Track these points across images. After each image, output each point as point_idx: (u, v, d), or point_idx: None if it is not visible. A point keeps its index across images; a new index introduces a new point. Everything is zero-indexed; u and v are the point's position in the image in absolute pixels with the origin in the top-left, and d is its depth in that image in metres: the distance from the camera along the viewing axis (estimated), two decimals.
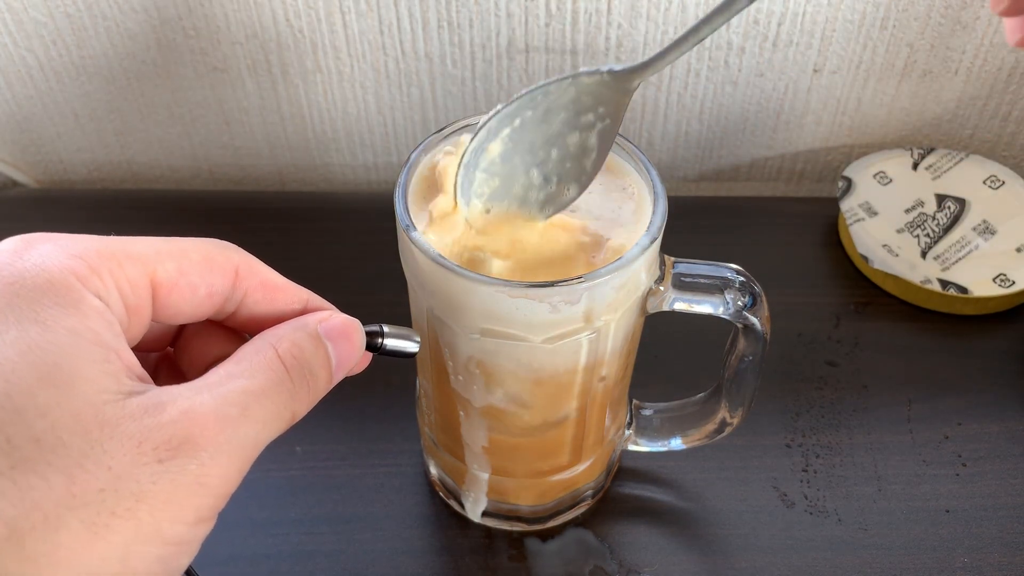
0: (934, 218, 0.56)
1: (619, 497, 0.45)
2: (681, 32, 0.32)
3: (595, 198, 0.36)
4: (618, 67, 0.33)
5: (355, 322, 0.28)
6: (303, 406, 0.26)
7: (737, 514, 0.44)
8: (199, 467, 0.22)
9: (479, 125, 0.34)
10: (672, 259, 0.36)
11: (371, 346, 0.29)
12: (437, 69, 0.57)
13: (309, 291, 0.30)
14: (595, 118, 0.33)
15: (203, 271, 0.27)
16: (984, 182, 0.58)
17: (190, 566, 0.29)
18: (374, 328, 0.29)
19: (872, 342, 0.52)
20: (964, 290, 0.52)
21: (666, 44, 0.33)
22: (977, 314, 0.53)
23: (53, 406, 0.21)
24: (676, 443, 0.44)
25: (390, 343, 0.30)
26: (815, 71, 0.57)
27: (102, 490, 0.21)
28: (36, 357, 0.21)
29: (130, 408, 0.22)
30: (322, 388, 0.27)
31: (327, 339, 0.27)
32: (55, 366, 0.21)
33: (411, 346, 0.30)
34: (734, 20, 0.54)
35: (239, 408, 0.24)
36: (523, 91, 0.33)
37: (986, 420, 0.48)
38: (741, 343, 0.38)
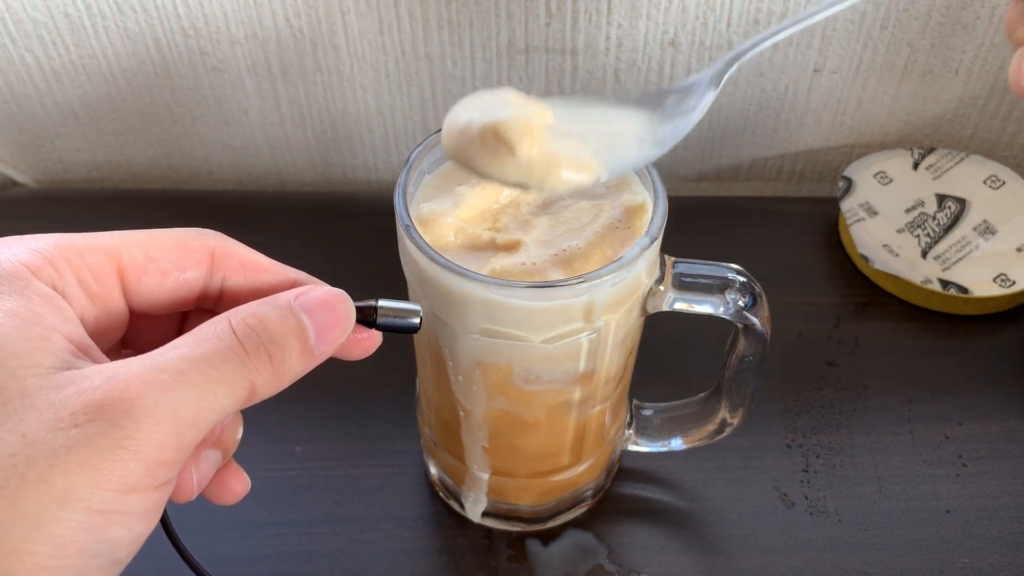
0: (934, 218, 0.56)
1: (619, 497, 0.45)
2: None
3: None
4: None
5: (340, 293, 0.27)
6: (265, 376, 0.25)
7: (737, 514, 0.44)
8: (120, 431, 0.22)
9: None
10: (672, 259, 0.36)
11: (366, 321, 0.28)
12: (437, 69, 0.57)
13: (299, 271, 0.29)
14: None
15: (174, 256, 0.27)
16: (984, 182, 0.58)
17: (175, 534, 0.29)
18: (368, 302, 0.28)
19: (872, 342, 0.52)
20: (964, 290, 0.52)
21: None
22: (977, 314, 0.53)
23: None
24: (676, 443, 0.44)
25: (385, 316, 0.28)
26: (815, 71, 0.57)
27: (13, 455, 0.21)
28: None
29: (57, 380, 0.23)
30: (295, 360, 0.26)
31: (303, 310, 0.26)
32: None
33: (410, 320, 0.29)
34: (734, 20, 0.54)
35: (172, 373, 0.23)
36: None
37: (986, 420, 0.48)
38: (741, 343, 0.38)
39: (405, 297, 0.37)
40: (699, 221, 0.58)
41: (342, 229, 0.58)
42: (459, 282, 0.32)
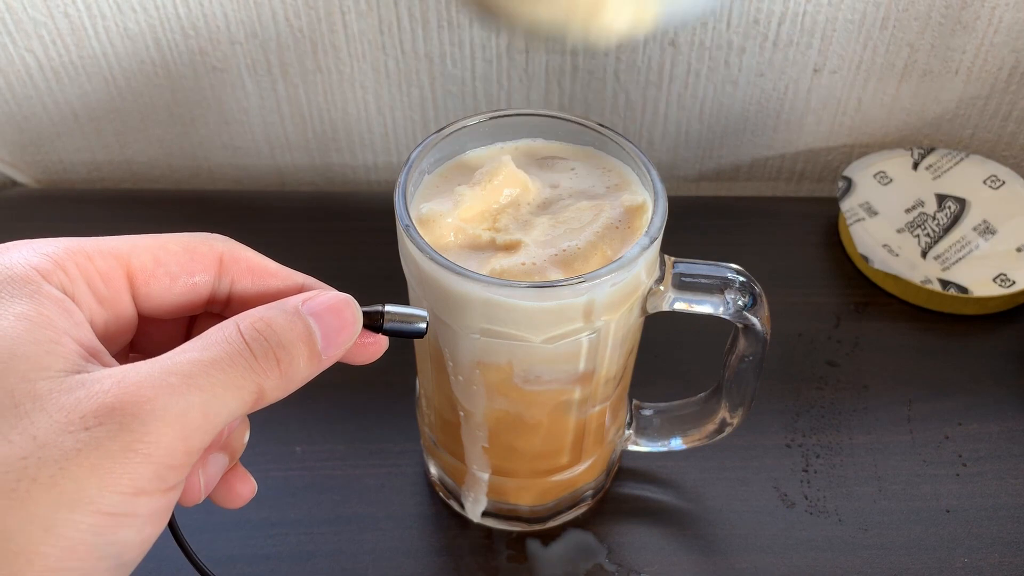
0: (934, 218, 0.56)
1: (619, 497, 0.45)
2: None
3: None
4: None
5: (347, 298, 0.27)
6: (273, 381, 0.25)
7: (737, 514, 0.44)
8: (130, 434, 0.22)
9: None
10: (672, 259, 0.36)
11: (373, 326, 0.28)
12: (437, 69, 0.57)
13: (306, 275, 0.29)
14: None
15: (182, 260, 0.27)
16: (984, 182, 0.58)
17: (178, 530, 0.29)
18: (375, 307, 0.29)
19: (872, 342, 0.52)
20: (964, 290, 0.52)
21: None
22: (977, 314, 0.53)
23: None
24: (676, 443, 0.44)
25: (392, 321, 0.29)
26: (815, 71, 0.57)
27: (24, 458, 0.21)
28: None
29: (68, 383, 0.23)
30: (303, 365, 0.26)
31: (310, 315, 0.26)
32: None
33: (417, 324, 0.29)
34: (734, 20, 0.54)
35: (181, 377, 0.23)
36: None
37: (986, 420, 0.48)
38: (741, 343, 0.38)
39: (406, 298, 0.37)
40: (699, 221, 0.58)
41: (342, 229, 0.58)
42: (459, 282, 0.32)
